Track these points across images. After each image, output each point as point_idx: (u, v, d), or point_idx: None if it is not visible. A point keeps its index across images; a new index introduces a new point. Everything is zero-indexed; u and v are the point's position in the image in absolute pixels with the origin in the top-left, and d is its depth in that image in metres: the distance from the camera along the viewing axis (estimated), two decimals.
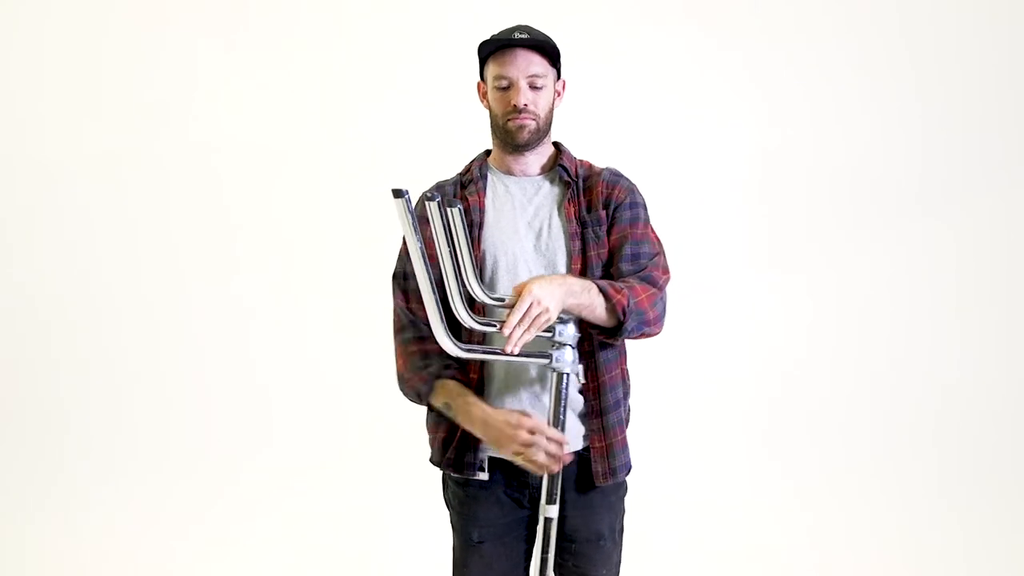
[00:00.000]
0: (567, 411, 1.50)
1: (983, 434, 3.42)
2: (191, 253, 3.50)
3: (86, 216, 3.51)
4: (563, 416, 1.46)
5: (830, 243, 3.51)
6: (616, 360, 1.59)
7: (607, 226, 1.57)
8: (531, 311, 1.34)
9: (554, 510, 1.50)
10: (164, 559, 2.93)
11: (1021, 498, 3.20)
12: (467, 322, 1.41)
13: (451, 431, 1.60)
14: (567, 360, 1.43)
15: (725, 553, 2.90)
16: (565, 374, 1.44)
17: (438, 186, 1.66)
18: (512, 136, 1.55)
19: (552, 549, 1.54)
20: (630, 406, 1.68)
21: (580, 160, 1.66)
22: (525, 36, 1.52)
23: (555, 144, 1.67)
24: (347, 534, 3.02)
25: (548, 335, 1.44)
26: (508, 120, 1.54)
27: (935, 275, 3.50)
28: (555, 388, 1.45)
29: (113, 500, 3.24)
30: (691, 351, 3.45)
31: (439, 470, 1.67)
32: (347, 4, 3.47)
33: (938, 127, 3.48)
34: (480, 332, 1.49)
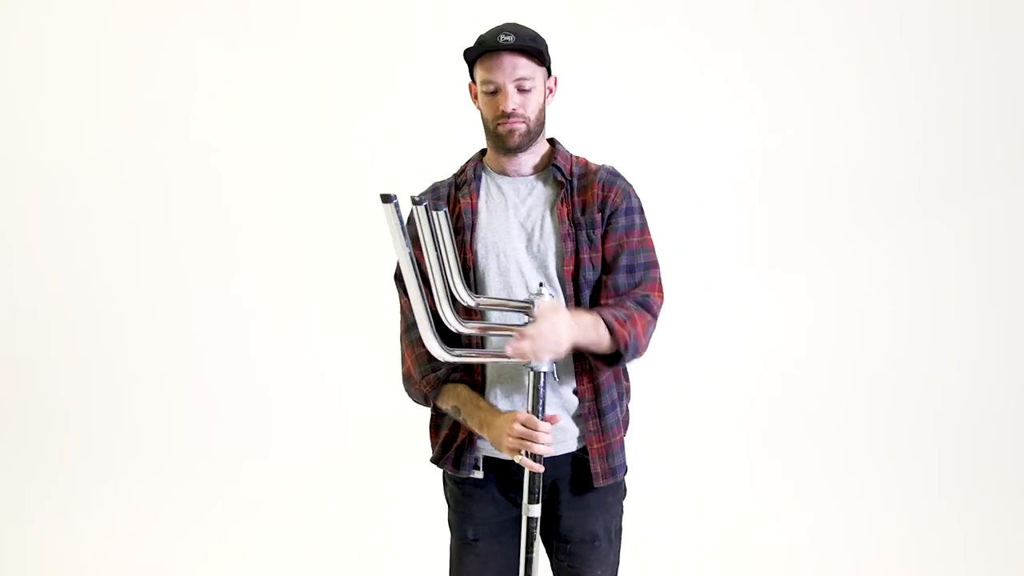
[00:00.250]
0: (563, 412, 1.55)
1: (983, 434, 3.42)
2: (191, 253, 3.50)
3: (86, 216, 3.51)
4: (541, 414, 1.46)
5: (830, 243, 3.51)
6: None
7: (602, 230, 1.55)
8: (545, 337, 1.38)
9: (536, 509, 1.51)
10: (164, 559, 2.93)
11: (1021, 498, 3.20)
12: (453, 326, 1.42)
13: (453, 432, 1.61)
14: (545, 358, 1.45)
15: (725, 553, 2.90)
16: (542, 372, 1.46)
17: (434, 187, 1.66)
18: (503, 140, 1.54)
19: (536, 548, 1.54)
20: (629, 409, 1.68)
21: (576, 157, 1.64)
22: (510, 39, 1.49)
23: (550, 141, 1.65)
24: (347, 534, 3.02)
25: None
26: (498, 125, 1.53)
27: (935, 275, 3.50)
28: (532, 386, 1.47)
29: (113, 500, 3.24)
30: (691, 351, 3.45)
31: (439, 469, 1.68)
32: (347, 4, 3.48)
33: (938, 127, 3.48)
34: (467, 335, 1.50)
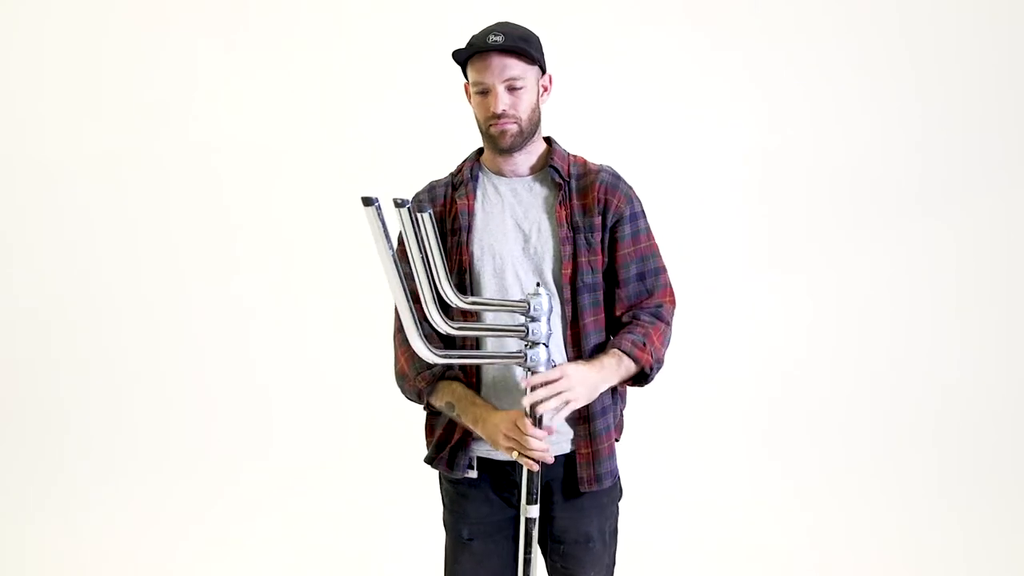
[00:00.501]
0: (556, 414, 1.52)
1: (983, 434, 3.42)
2: (191, 253, 3.50)
3: (86, 216, 3.51)
4: (537, 419, 1.46)
5: (830, 243, 3.51)
6: None
7: (602, 234, 1.55)
8: (557, 384, 1.40)
9: (535, 510, 1.51)
10: (164, 559, 2.93)
11: (1021, 498, 3.20)
12: (442, 327, 1.40)
13: (448, 432, 1.60)
14: (541, 359, 1.43)
15: (725, 553, 2.90)
16: (539, 372, 1.44)
17: (430, 186, 1.65)
18: (495, 141, 1.53)
19: (535, 548, 1.54)
20: (622, 415, 1.67)
21: (574, 156, 1.63)
22: (499, 39, 1.47)
23: (547, 140, 1.64)
24: (347, 534, 3.02)
25: (522, 334, 1.44)
26: (490, 126, 1.52)
27: (935, 275, 3.50)
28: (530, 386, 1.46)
29: (113, 500, 3.24)
30: (691, 351, 3.44)
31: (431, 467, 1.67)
32: (347, 4, 3.47)
33: (938, 127, 3.48)
34: (460, 337, 1.50)
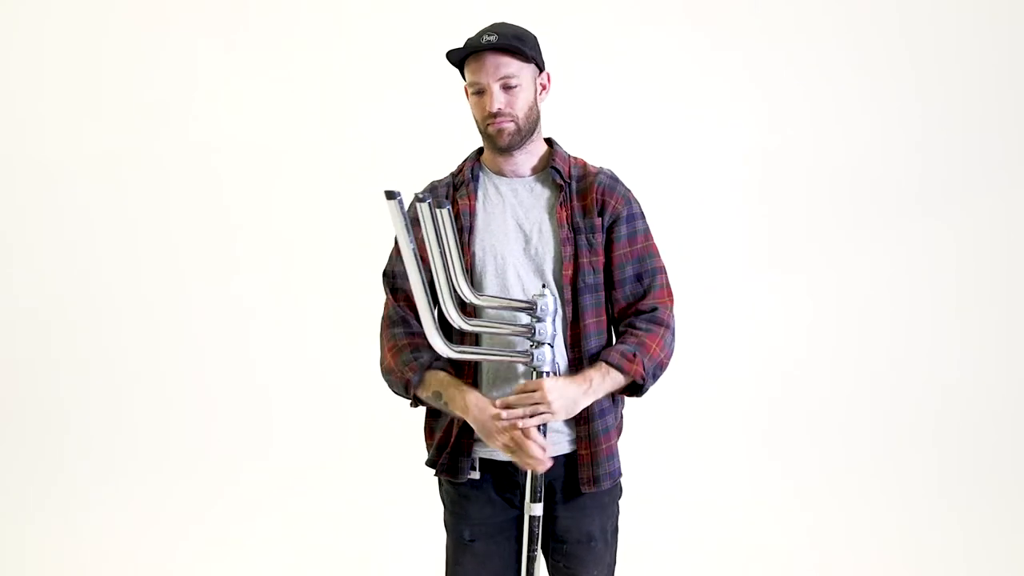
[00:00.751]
0: None
1: (983, 434, 3.42)
2: (191, 253, 3.49)
3: (86, 216, 3.51)
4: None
5: (830, 243, 3.51)
6: None
7: (602, 235, 1.55)
8: (531, 396, 1.43)
9: (539, 508, 1.51)
10: (164, 559, 2.93)
11: (1021, 498, 3.20)
12: (457, 323, 1.42)
13: (447, 435, 1.60)
14: (547, 359, 1.46)
15: (725, 553, 2.90)
16: (544, 372, 1.46)
17: (431, 186, 1.65)
18: (494, 140, 1.54)
19: (538, 547, 1.54)
20: (622, 415, 1.67)
21: (574, 158, 1.63)
22: (493, 38, 1.48)
23: (548, 141, 1.64)
24: (347, 534, 3.02)
25: (529, 335, 1.46)
26: (487, 125, 1.53)
27: (935, 275, 3.50)
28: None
29: (113, 500, 3.24)
30: (691, 351, 3.43)
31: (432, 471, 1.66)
32: (347, 4, 3.47)
33: (938, 127, 3.47)
34: (470, 333, 1.51)
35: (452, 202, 1.60)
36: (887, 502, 3.17)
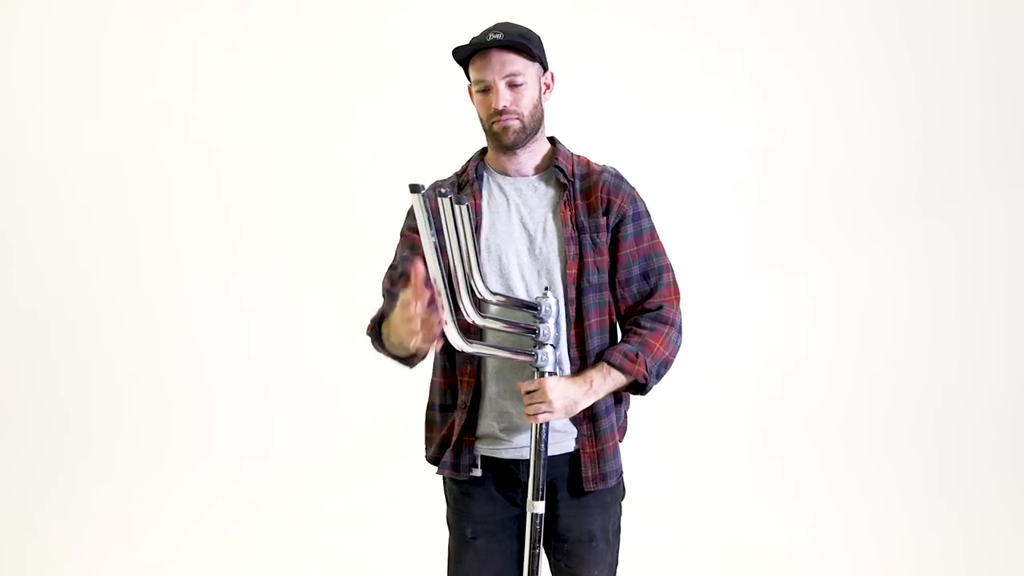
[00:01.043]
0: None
1: (983, 434, 3.42)
2: (191, 253, 3.49)
3: (86, 216, 3.51)
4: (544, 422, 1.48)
5: (830, 243, 3.51)
6: None
7: (606, 234, 1.56)
8: (532, 396, 1.45)
9: (540, 506, 1.52)
10: (164, 559, 2.93)
11: (1021, 498, 3.20)
12: (472, 317, 1.43)
13: (448, 432, 1.60)
14: (549, 359, 1.47)
15: (725, 553, 2.90)
16: (547, 372, 1.47)
17: (435, 186, 1.65)
18: (498, 138, 1.54)
19: (540, 544, 1.54)
20: (626, 415, 1.67)
21: (577, 156, 1.64)
22: (499, 36, 1.49)
23: (551, 140, 1.65)
24: (347, 534, 3.02)
25: (532, 335, 1.47)
26: (493, 123, 1.53)
27: (935, 275, 3.50)
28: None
29: (113, 500, 3.24)
30: (691, 351, 3.42)
31: (434, 467, 1.66)
32: (347, 4, 3.47)
33: (938, 127, 3.47)
34: (479, 328, 1.51)
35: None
36: (887, 502, 3.17)
